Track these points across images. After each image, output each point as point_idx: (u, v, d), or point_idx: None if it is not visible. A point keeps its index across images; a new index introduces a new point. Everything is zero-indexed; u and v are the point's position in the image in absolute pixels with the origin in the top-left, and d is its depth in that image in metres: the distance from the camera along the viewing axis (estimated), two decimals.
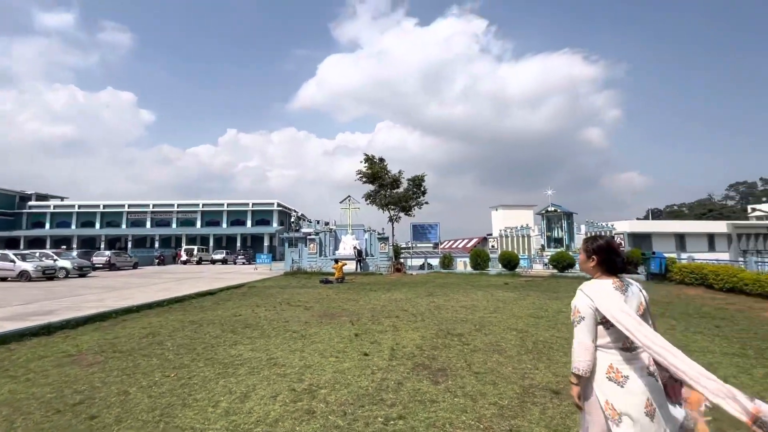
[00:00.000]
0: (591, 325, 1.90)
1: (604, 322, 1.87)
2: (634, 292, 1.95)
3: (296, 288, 14.98)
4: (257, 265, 28.99)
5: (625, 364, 1.85)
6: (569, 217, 21.69)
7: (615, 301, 1.85)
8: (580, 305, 1.93)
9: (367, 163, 23.18)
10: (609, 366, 1.86)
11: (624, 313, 1.79)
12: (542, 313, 8.61)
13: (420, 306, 10.02)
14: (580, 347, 1.91)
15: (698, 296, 11.09)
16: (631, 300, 1.91)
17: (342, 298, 11.93)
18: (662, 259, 14.17)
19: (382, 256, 23.87)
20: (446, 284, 15.65)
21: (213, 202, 48.89)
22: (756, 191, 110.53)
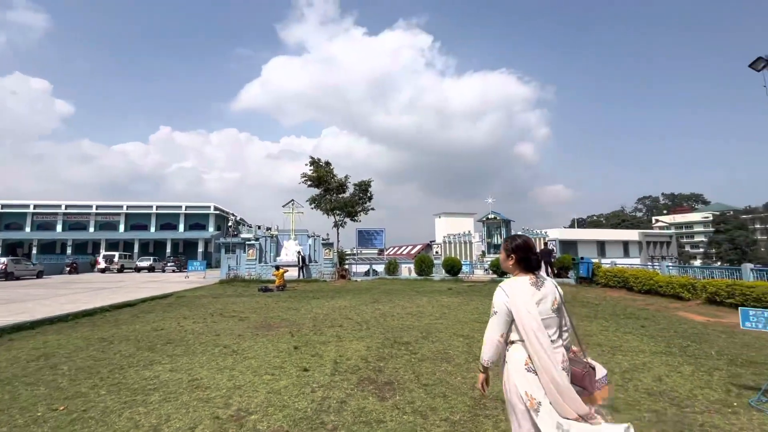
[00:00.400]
0: (502, 322, 2.03)
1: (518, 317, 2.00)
2: (549, 289, 2.07)
3: (231, 297, 13.85)
4: (189, 273, 26.67)
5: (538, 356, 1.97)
6: (508, 225, 22.75)
7: (524, 303, 1.98)
8: (496, 301, 2.07)
9: (313, 166, 22.45)
10: (527, 359, 1.97)
11: (529, 316, 1.94)
12: (486, 318, 8.64)
13: (365, 313, 9.64)
14: (488, 341, 2.08)
15: (621, 298, 12.00)
16: (546, 295, 2.03)
17: (282, 306, 11.17)
18: (590, 264, 15.26)
19: (327, 262, 23.16)
20: (391, 290, 15.46)
21: (139, 204, 44.52)
22: (659, 204, 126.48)
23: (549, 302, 2.03)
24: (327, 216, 22.28)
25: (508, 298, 2.03)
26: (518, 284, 2.07)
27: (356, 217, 22.66)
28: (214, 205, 45.26)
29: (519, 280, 2.10)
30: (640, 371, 4.74)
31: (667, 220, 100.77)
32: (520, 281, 2.08)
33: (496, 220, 22.84)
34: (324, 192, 22.28)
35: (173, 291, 16.23)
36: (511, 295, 2.03)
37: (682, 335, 6.81)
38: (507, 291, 2.06)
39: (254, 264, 22.71)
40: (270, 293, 15.28)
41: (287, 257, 23.26)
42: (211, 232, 42.97)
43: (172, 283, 20.62)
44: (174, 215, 44.66)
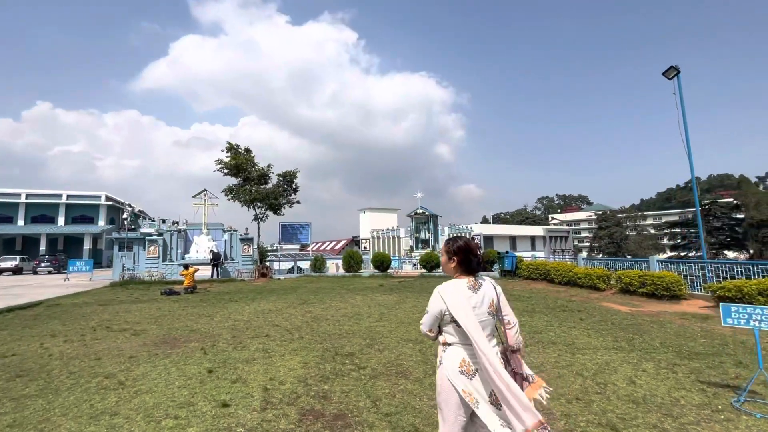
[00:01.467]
0: (432, 320, 2.07)
1: (455, 321, 1.98)
2: (486, 291, 2.05)
3: (125, 303, 11.43)
4: (70, 274, 22.15)
5: (475, 358, 1.96)
6: (435, 220, 22.96)
7: (463, 307, 1.97)
8: (432, 305, 2.07)
9: (231, 152, 20.03)
10: (462, 360, 1.99)
11: (468, 319, 1.94)
12: None
13: (294, 318, 8.43)
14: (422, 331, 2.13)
15: (545, 289, 12.53)
16: (483, 298, 2.02)
17: (191, 313, 9.38)
18: (513, 258, 15.90)
19: (246, 259, 20.99)
20: (320, 289, 14.30)
21: (1, 192, 36.15)
22: (554, 204, 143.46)
23: (486, 305, 2.03)
24: (247, 208, 20.10)
25: (444, 305, 2.02)
26: (455, 288, 2.04)
27: (280, 210, 20.84)
28: (106, 195, 38.67)
29: (456, 283, 2.07)
30: (607, 373, 4.46)
31: (561, 218, 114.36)
32: (457, 285, 2.05)
33: (424, 215, 22.89)
34: (243, 182, 20.02)
35: (45, 298, 13.01)
36: (448, 301, 2.01)
37: (620, 327, 6.96)
38: (444, 296, 2.03)
39: (157, 262, 19.61)
40: (176, 297, 13.04)
41: (198, 254, 20.56)
42: (102, 227, 36.69)
43: (46, 288, 16.75)
44: (51, 206, 37.07)
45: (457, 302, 1.98)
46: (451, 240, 2.19)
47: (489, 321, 2.02)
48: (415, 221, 23.16)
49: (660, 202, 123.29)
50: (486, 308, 2.01)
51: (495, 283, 2.14)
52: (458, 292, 2.02)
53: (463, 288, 2.03)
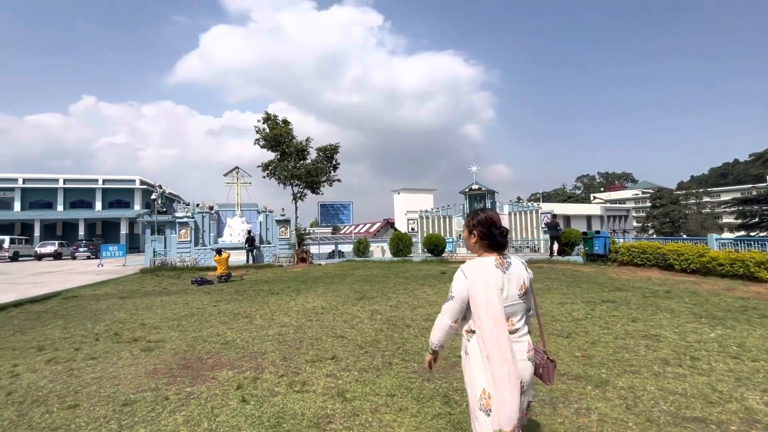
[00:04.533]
0: (457, 308, 1.82)
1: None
2: (516, 271, 1.83)
3: (150, 296, 9.59)
4: (103, 259, 21.18)
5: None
6: (492, 196, 20.11)
7: (485, 288, 1.73)
8: (455, 286, 1.83)
9: (267, 122, 17.84)
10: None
11: (488, 304, 1.71)
12: (573, 320, 5.57)
13: (361, 323, 6.11)
14: (440, 326, 1.89)
15: (672, 280, 9.59)
16: (512, 279, 1.80)
17: (225, 312, 7.30)
18: (606, 239, 12.93)
19: (282, 243, 19.08)
20: (372, 277, 12.02)
21: (41, 177, 36.25)
22: (595, 182, 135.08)
23: (515, 287, 1.80)
24: (283, 187, 18.02)
25: (467, 281, 1.78)
26: (481, 266, 1.80)
27: (319, 188, 18.66)
28: (140, 179, 38.19)
29: (482, 261, 1.83)
30: None
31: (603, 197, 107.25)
32: (484, 263, 1.82)
33: (480, 191, 20.05)
34: (281, 157, 17.89)
35: (69, 287, 11.52)
36: (472, 279, 1.77)
37: None
38: (467, 274, 1.80)
39: (189, 247, 18.05)
40: (208, 287, 11.16)
41: (232, 238, 18.85)
42: (137, 211, 36.27)
43: (78, 275, 15.52)
44: (88, 191, 36.99)
45: (481, 282, 1.74)
46: (472, 213, 1.94)
47: (519, 305, 1.82)
48: (469, 198, 20.39)
49: (714, 178, 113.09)
50: (516, 290, 1.80)
51: (525, 263, 1.91)
52: (485, 271, 1.78)
53: (490, 266, 1.79)
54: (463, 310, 1.81)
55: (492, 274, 1.76)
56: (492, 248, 1.84)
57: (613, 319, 5.78)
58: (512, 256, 1.89)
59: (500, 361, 1.65)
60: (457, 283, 1.80)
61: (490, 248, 1.84)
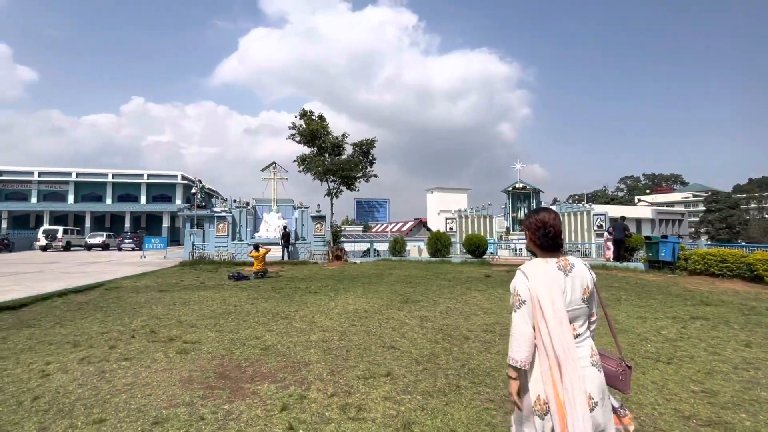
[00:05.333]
0: (531, 310, 1.67)
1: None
2: (580, 273, 1.70)
3: (188, 290, 9.41)
4: (146, 251, 21.81)
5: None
6: (537, 195, 18.85)
7: (548, 290, 1.63)
8: (520, 288, 1.70)
9: (303, 118, 17.59)
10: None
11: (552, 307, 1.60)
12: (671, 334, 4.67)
13: (411, 331, 5.46)
14: (520, 336, 1.68)
15: (764, 294, 8.27)
16: (575, 281, 1.67)
17: (263, 311, 6.88)
18: (675, 245, 11.55)
19: (318, 240, 18.80)
20: (411, 278, 11.35)
21: (92, 172, 38.30)
22: (639, 184, 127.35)
23: (579, 290, 1.67)
24: (320, 182, 17.71)
25: (529, 282, 1.67)
26: (542, 268, 1.70)
27: (354, 184, 18.21)
28: (182, 174, 39.52)
29: (542, 262, 1.73)
30: None
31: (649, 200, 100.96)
32: (544, 264, 1.71)
33: (525, 189, 18.85)
34: (317, 152, 17.58)
35: (113, 278, 11.66)
36: (533, 279, 1.67)
37: None
38: (529, 274, 1.70)
39: (226, 241, 18.12)
40: (245, 282, 10.91)
41: (268, 233, 18.77)
42: (179, 205, 37.51)
43: (121, 266, 15.93)
44: (134, 185, 38.71)
45: (543, 284, 1.64)
46: (528, 213, 1.88)
47: (582, 309, 1.68)
48: (512, 197, 19.24)
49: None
50: (580, 293, 1.66)
51: (588, 265, 1.75)
52: (546, 272, 1.67)
53: (552, 268, 1.68)
54: (535, 313, 1.67)
55: (554, 275, 1.66)
56: (548, 249, 1.75)
57: (718, 342, 4.79)
58: (575, 258, 1.76)
59: (572, 366, 1.55)
60: (521, 285, 1.70)
61: (546, 250, 1.76)
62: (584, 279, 1.69)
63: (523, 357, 1.66)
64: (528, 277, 1.68)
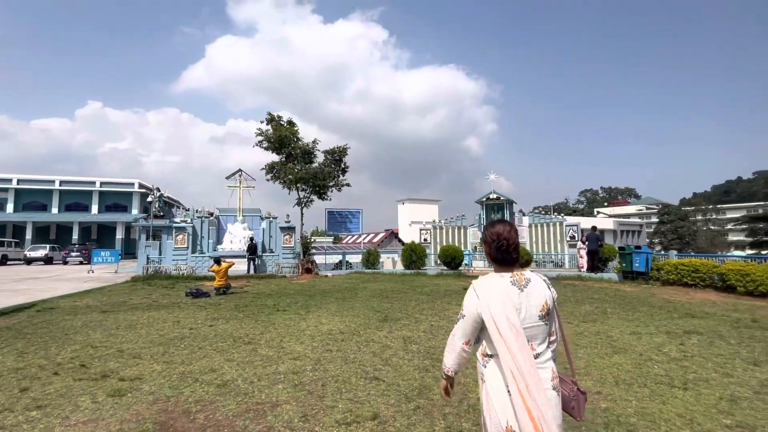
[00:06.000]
0: (469, 328, 1.64)
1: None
2: (536, 289, 1.61)
3: (137, 310, 8.29)
4: (94, 265, 19.86)
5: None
6: (510, 206, 18.87)
7: (501, 307, 1.54)
8: (466, 303, 1.66)
9: (271, 123, 16.72)
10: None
11: (507, 324, 1.50)
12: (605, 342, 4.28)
13: (395, 356, 4.81)
14: (451, 348, 1.72)
15: (741, 304, 8.27)
16: (531, 297, 1.59)
17: (222, 334, 5.99)
18: (649, 255, 11.65)
19: (287, 252, 17.80)
20: (388, 293, 10.72)
21: (36, 178, 35.07)
22: (598, 197, 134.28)
23: (535, 307, 1.58)
24: (288, 191, 16.81)
25: (479, 301, 1.59)
26: (494, 283, 1.62)
27: (326, 194, 17.46)
28: (139, 182, 37.01)
29: (496, 277, 1.65)
30: None
31: (608, 212, 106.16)
32: (497, 279, 1.63)
33: (498, 200, 18.81)
34: (285, 159, 16.71)
35: (48, 296, 10.24)
36: (484, 297, 1.58)
37: None
38: (479, 292, 1.61)
39: (185, 254, 16.76)
40: (204, 300, 9.85)
41: (233, 245, 17.58)
42: (135, 215, 35.04)
43: (64, 282, 14.23)
44: (84, 193, 35.76)
45: (495, 301, 1.55)
46: (487, 224, 1.78)
47: (540, 327, 1.59)
48: (486, 208, 19.15)
49: (717, 195, 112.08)
50: (536, 310, 1.58)
51: (548, 280, 1.69)
52: (498, 288, 1.59)
53: (505, 284, 1.60)
54: (476, 331, 1.64)
55: (507, 291, 1.58)
56: (503, 263, 1.67)
57: (724, 361, 4.48)
58: (532, 273, 1.69)
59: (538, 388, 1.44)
60: (468, 301, 1.64)
61: (500, 263, 1.68)
62: (541, 295, 1.61)
63: (448, 365, 1.70)
64: (479, 295, 1.61)
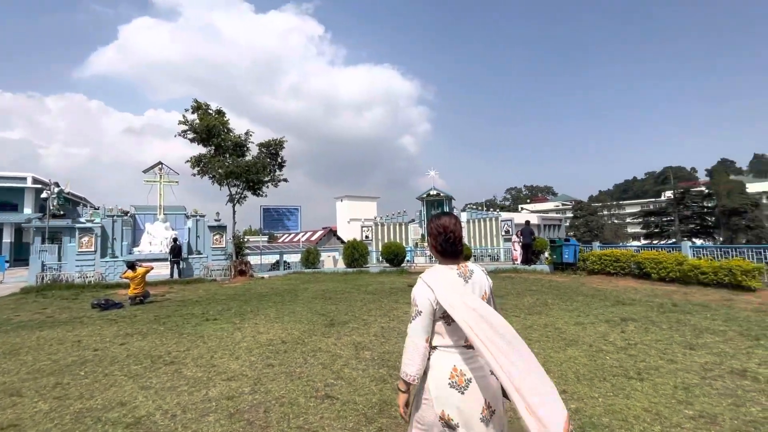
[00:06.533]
0: (427, 322, 1.60)
1: (445, 317, 1.58)
2: (478, 279, 1.67)
3: (24, 329, 6.75)
4: None
5: (468, 364, 1.57)
6: (450, 202, 19.23)
7: (456, 293, 1.57)
8: (418, 298, 1.61)
9: (198, 112, 15.04)
10: (453, 369, 1.57)
11: (466, 307, 1.52)
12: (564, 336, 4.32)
13: (347, 367, 4.32)
14: (414, 349, 1.60)
15: (657, 290, 9.08)
16: (474, 287, 1.64)
17: (137, 354, 5.01)
18: (576, 247, 12.49)
19: (217, 252, 16.28)
20: (332, 293, 10.16)
21: None
22: (521, 194, 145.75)
23: (477, 294, 1.63)
24: (219, 187, 15.27)
25: (433, 293, 1.58)
26: (443, 274, 1.65)
27: (261, 189, 16.22)
28: (33, 177, 31.62)
29: (443, 268, 1.67)
30: None
31: (530, 208, 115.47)
32: (446, 270, 1.66)
33: (438, 196, 19.04)
34: (215, 152, 15.14)
35: None
36: (437, 289, 1.58)
37: None
38: (431, 283, 1.61)
39: (92, 259, 14.50)
40: (116, 312, 8.44)
41: (152, 247, 15.62)
42: (28, 214, 29.95)
43: None
44: None
45: (448, 291, 1.57)
46: (432, 217, 1.79)
47: None
48: (427, 204, 19.30)
49: (618, 193, 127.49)
50: (478, 297, 1.62)
51: (485, 270, 1.74)
52: (448, 279, 1.62)
53: (453, 275, 1.64)
54: (431, 325, 1.60)
55: (455, 282, 1.62)
56: (448, 256, 1.70)
57: (664, 347, 4.69)
58: (474, 264, 1.73)
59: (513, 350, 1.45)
60: (420, 296, 1.61)
61: (446, 256, 1.70)
62: (482, 285, 1.67)
63: (413, 371, 1.59)
64: (431, 286, 1.60)
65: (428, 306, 1.57)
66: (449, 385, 1.53)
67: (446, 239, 1.67)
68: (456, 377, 1.54)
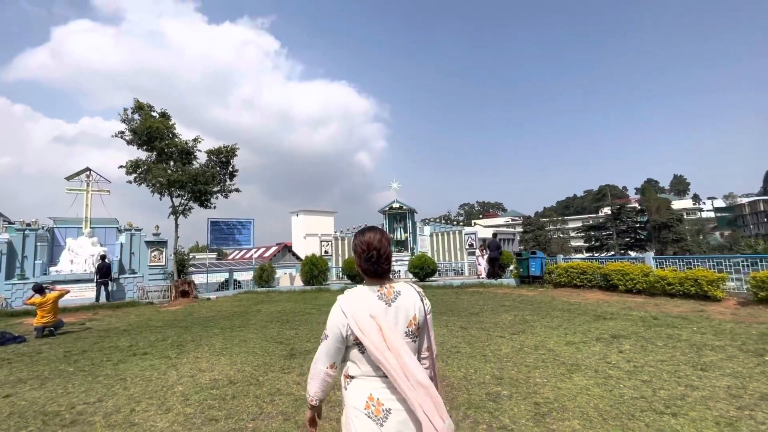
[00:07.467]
0: (333, 349, 1.46)
1: (359, 343, 1.42)
2: (404, 303, 1.46)
3: None
4: None
5: (389, 393, 1.39)
6: (413, 215, 18.71)
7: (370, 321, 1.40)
8: (330, 322, 1.47)
9: (139, 112, 13.33)
10: (368, 397, 1.40)
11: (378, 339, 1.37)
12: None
13: (321, 422, 3.36)
14: (314, 374, 1.52)
15: (626, 302, 8.95)
16: (398, 312, 1.45)
17: (25, 411, 3.69)
18: (542, 260, 12.34)
19: (155, 272, 14.38)
20: (289, 315, 9.05)
21: None
22: (474, 210, 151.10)
23: (402, 323, 1.45)
24: (160, 196, 13.52)
25: (345, 319, 1.42)
26: (361, 295, 1.47)
27: (209, 201, 14.68)
28: None
29: (362, 290, 1.49)
30: None
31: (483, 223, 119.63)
32: (365, 292, 1.48)
33: (401, 209, 18.46)
34: (157, 158, 13.44)
35: None
36: (352, 312, 1.42)
37: None
38: (345, 307, 1.44)
39: None
40: (14, 346, 6.73)
41: (75, 266, 13.45)
42: None
43: None
44: None
45: (361, 315, 1.40)
46: (358, 232, 1.60)
47: (409, 345, 1.44)
48: (389, 217, 18.64)
49: (560, 209, 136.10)
50: (403, 327, 1.44)
51: (421, 292, 1.54)
52: (365, 302, 1.44)
53: (372, 297, 1.45)
54: (341, 352, 1.48)
55: (374, 306, 1.43)
56: (372, 275, 1.52)
57: (672, 368, 4.22)
58: (405, 284, 1.53)
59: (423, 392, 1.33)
60: (332, 320, 1.46)
61: (370, 275, 1.52)
62: (409, 309, 1.46)
63: (312, 393, 1.53)
64: (344, 310, 1.43)
65: (337, 332, 1.44)
66: (366, 415, 1.38)
67: (368, 257, 1.49)
68: (372, 407, 1.39)
